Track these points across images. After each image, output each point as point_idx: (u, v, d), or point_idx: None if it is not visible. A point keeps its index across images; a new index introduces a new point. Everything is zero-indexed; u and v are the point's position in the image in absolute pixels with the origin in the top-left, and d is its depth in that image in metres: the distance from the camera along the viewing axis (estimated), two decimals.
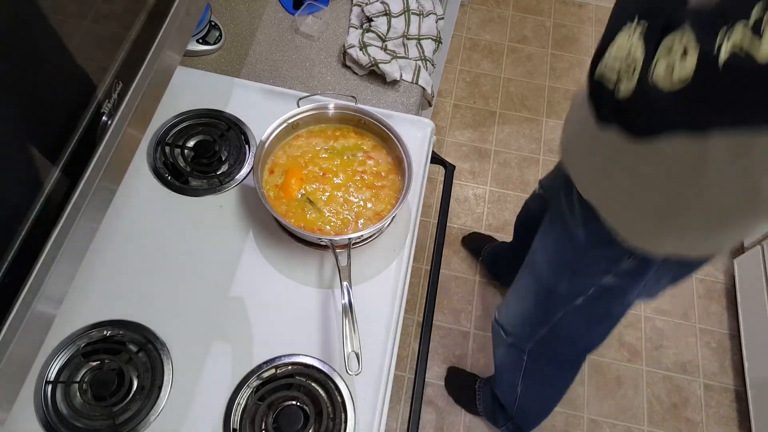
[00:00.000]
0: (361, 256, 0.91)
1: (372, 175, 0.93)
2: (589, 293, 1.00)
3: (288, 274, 0.89)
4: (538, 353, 1.24)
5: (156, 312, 0.85)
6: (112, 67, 0.60)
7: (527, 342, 1.23)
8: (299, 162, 0.93)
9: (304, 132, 0.96)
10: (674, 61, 0.52)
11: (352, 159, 0.94)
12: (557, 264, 1.04)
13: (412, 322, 1.80)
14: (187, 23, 0.71)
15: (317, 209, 0.89)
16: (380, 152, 0.95)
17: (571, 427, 1.68)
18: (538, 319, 1.16)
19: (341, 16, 1.19)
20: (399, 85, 1.12)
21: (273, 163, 0.93)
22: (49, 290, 0.53)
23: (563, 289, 1.04)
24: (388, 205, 0.90)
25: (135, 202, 0.93)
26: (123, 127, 0.61)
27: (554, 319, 1.10)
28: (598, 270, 0.95)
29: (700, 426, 1.70)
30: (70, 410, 0.76)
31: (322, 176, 0.92)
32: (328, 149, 0.95)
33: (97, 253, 0.88)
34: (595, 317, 1.07)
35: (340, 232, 0.88)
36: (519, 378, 1.34)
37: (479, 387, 1.63)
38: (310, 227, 0.88)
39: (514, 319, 1.24)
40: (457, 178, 2.07)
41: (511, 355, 1.32)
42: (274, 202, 0.89)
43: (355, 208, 0.90)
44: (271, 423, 0.77)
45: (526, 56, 2.40)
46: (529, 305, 1.16)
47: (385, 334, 0.86)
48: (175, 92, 1.02)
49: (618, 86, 0.56)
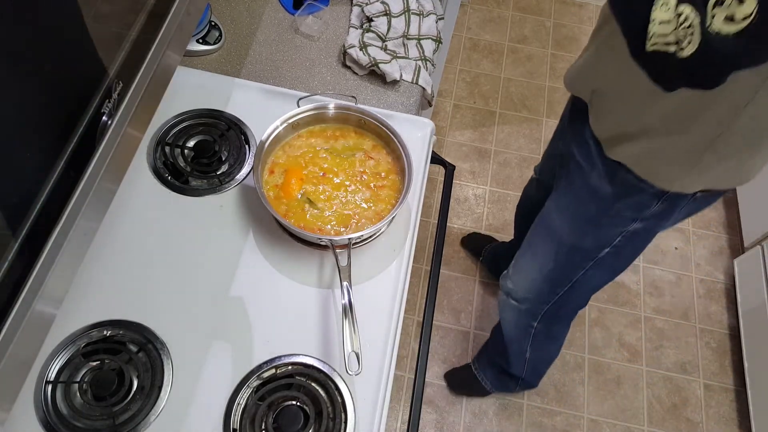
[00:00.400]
0: (361, 256, 0.91)
1: (372, 176, 0.93)
2: (615, 242, 1.01)
3: (288, 274, 0.89)
4: (551, 314, 1.26)
5: (156, 312, 0.85)
6: (112, 67, 0.60)
7: (544, 305, 1.24)
8: (299, 162, 0.93)
9: (304, 132, 0.96)
10: (733, 10, 0.54)
11: (352, 159, 0.94)
12: (580, 221, 1.05)
13: (412, 322, 1.80)
14: (187, 23, 0.71)
15: (317, 209, 0.89)
16: (380, 152, 0.95)
17: (571, 427, 1.68)
18: (558, 281, 1.17)
19: (341, 16, 1.19)
20: (399, 85, 1.12)
21: (273, 164, 0.93)
22: (49, 290, 0.53)
23: (588, 244, 1.05)
24: (388, 205, 0.90)
25: (135, 202, 0.93)
26: (123, 127, 0.61)
27: (576, 276, 1.12)
28: (626, 218, 0.96)
29: (700, 426, 1.70)
30: (70, 410, 0.76)
31: (322, 176, 0.92)
32: (329, 149, 0.95)
33: (97, 253, 0.88)
34: (620, 262, 1.09)
35: (340, 232, 0.88)
36: (528, 344, 1.37)
37: (477, 369, 1.65)
38: (310, 227, 0.88)
39: (530, 284, 1.24)
40: (457, 178, 2.07)
41: (520, 325, 1.34)
42: (274, 202, 0.89)
43: (355, 208, 0.90)
44: (271, 423, 0.77)
45: (526, 56, 2.40)
46: (548, 268, 1.16)
47: (385, 334, 0.86)
48: (175, 92, 1.02)
49: (680, 51, 0.58)
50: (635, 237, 1.00)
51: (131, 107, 0.62)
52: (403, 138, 0.92)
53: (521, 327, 1.35)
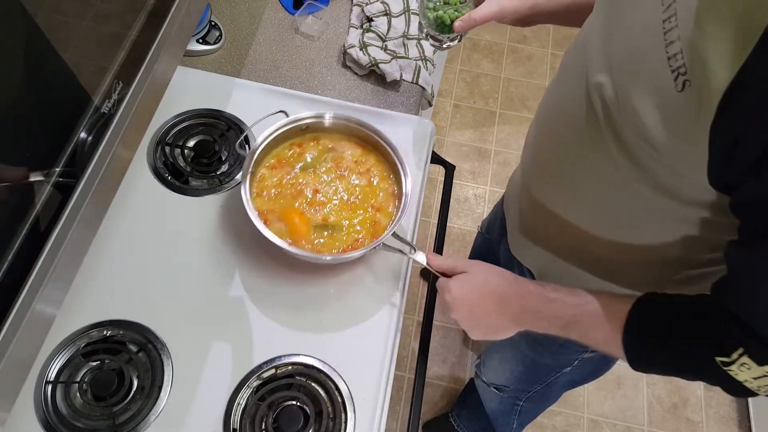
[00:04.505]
0: None
1: (355, 164, 0.92)
2: (574, 363, 0.95)
3: (288, 273, 0.89)
4: (539, 395, 1.19)
5: (156, 312, 0.85)
6: (112, 67, 0.60)
7: (526, 392, 1.19)
8: (286, 201, 0.88)
9: (263, 169, 0.90)
10: None
11: (327, 161, 0.92)
12: (532, 343, 0.99)
13: (412, 322, 1.80)
14: (187, 23, 0.71)
15: (341, 228, 0.86)
16: (343, 143, 0.93)
17: (571, 427, 1.68)
18: (531, 380, 1.12)
19: (341, 16, 1.19)
20: (399, 85, 1.12)
21: (262, 215, 0.86)
22: (49, 290, 0.53)
23: (548, 361, 0.99)
24: (385, 183, 0.90)
25: (135, 202, 0.93)
26: (123, 127, 0.61)
27: (550, 379, 1.06)
28: (576, 349, 0.91)
29: (700, 426, 1.70)
30: (70, 410, 0.76)
31: (318, 197, 0.88)
32: (301, 167, 0.91)
33: (97, 253, 0.88)
34: (597, 367, 1.01)
35: (375, 233, 0.87)
36: (515, 417, 1.30)
37: (454, 418, 1.59)
38: (349, 244, 0.85)
39: (506, 379, 1.19)
40: (457, 178, 2.07)
41: (505, 404, 1.28)
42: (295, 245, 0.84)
43: (369, 198, 0.89)
44: (271, 423, 0.77)
45: (526, 56, 2.39)
46: (518, 370, 1.11)
47: (385, 334, 0.86)
48: (175, 92, 1.02)
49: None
50: (597, 358, 0.93)
51: (131, 107, 0.62)
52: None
53: (506, 405, 1.28)
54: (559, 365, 0.99)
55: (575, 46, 0.71)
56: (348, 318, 0.87)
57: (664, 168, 0.57)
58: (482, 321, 0.74)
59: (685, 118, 0.49)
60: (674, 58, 0.49)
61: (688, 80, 0.48)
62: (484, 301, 0.72)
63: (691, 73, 0.47)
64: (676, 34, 0.48)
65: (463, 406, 1.56)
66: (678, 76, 0.49)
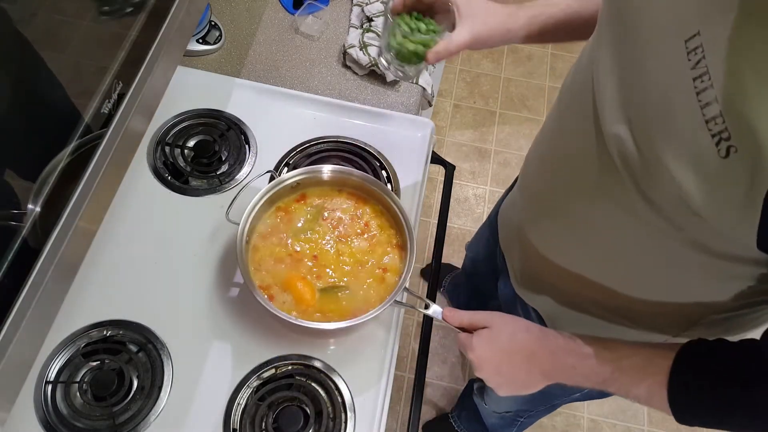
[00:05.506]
0: None
1: (351, 220, 0.87)
2: (578, 394, 0.92)
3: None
4: (540, 413, 1.19)
5: (156, 312, 0.85)
6: (112, 67, 0.60)
7: (528, 413, 1.18)
8: (285, 271, 0.82)
9: (255, 238, 0.84)
10: None
11: (317, 221, 0.86)
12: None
13: (412, 322, 1.80)
14: (187, 23, 0.71)
15: (346, 288, 0.81)
16: (337, 199, 0.88)
17: (571, 427, 1.68)
18: (536, 404, 1.10)
19: (341, 16, 1.19)
20: (399, 85, 1.12)
21: (263, 288, 0.80)
22: (49, 290, 0.53)
23: (553, 390, 0.98)
24: (387, 231, 0.86)
25: (135, 202, 0.93)
26: (123, 127, 0.61)
27: (555, 402, 1.05)
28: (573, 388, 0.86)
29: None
30: (70, 410, 0.76)
31: (316, 260, 0.83)
32: (292, 234, 0.84)
33: (97, 253, 0.88)
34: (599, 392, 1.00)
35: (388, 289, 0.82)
36: (515, 428, 1.31)
37: (454, 419, 1.59)
38: (360, 308, 0.79)
39: (508, 408, 1.17)
40: (457, 178, 2.07)
41: (506, 420, 1.27)
42: (303, 317, 0.78)
43: (369, 255, 0.84)
44: (271, 423, 0.77)
45: (526, 56, 2.39)
46: (525, 399, 1.06)
47: (385, 334, 0.86)
48: (175, 92, 1.02)
49: None
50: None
51: (131, 107, 0.62)
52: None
53: (507, 421, 1.26)
54: (569, 392, 0.95)
55: (575, 80, 0.66)
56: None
57: (704, 229, 0.52)
58: (511, 378, 0.70)
59: (732, 186, 0.45)
60: (713, 121, 0.44)
61: (733, 146, 0.43)
62: (512, 359, 0.68)
63: (735, 139, 0.43)
64: (713, 95, 0.43)
65: (463, 408, 1.56)
66: (720, 141, 0.43)
